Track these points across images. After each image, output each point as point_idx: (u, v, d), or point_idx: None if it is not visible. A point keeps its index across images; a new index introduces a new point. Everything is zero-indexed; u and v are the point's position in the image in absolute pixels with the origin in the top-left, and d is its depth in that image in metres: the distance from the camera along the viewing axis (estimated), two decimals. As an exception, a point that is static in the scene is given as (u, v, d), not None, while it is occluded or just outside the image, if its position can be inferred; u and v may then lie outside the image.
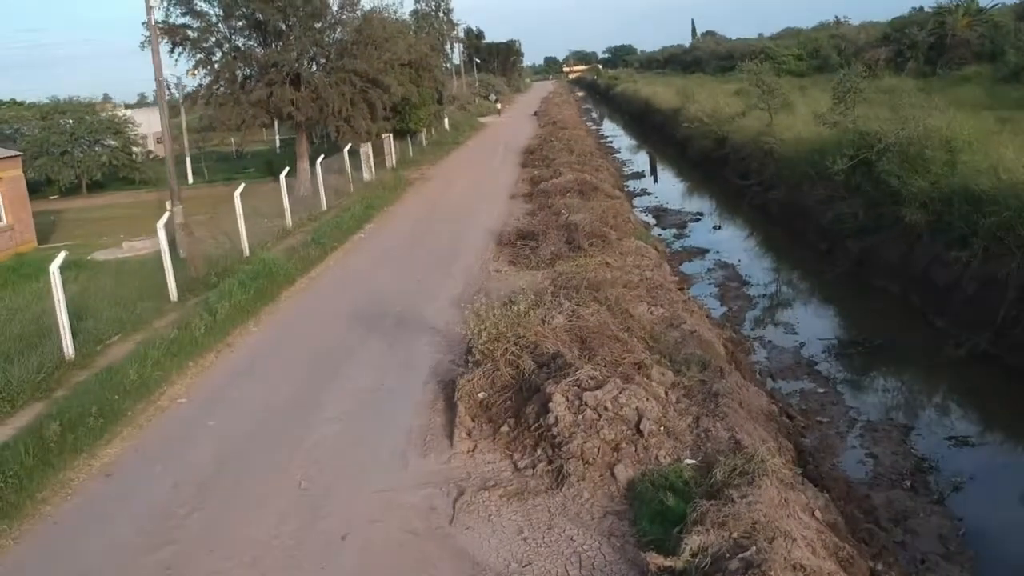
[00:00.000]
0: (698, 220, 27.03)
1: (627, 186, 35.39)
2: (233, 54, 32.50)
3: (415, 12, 53.80)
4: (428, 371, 12.44)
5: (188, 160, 44.10)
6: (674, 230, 25.87)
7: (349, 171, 32.60)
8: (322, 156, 30.20)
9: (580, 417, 9.17)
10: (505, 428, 9.85)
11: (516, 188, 30.31)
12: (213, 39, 32.20)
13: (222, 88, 32.37)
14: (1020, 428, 11.92)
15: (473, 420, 10.19)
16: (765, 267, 21.14)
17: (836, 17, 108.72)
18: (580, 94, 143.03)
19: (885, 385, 13.72)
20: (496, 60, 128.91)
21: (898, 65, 59.40)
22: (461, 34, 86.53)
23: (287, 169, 25.27)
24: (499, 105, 78.44)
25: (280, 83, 31.49)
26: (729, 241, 24.05)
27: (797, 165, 24.63)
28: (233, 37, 32.85)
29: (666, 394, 9.93)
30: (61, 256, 13.99)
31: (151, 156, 51.77)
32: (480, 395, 10.51)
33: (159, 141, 33.57)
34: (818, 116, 26.72)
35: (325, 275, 19.68)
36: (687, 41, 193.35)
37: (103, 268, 21.76)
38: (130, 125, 44.86)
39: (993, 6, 64.28)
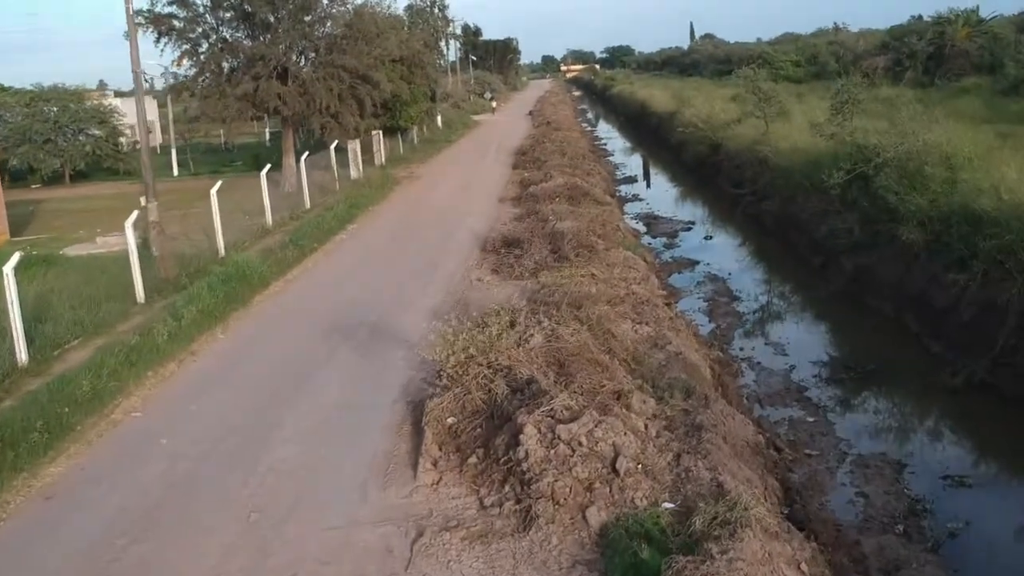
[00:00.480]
0: (689, 229, 26.42)
1: (619, 191, 34.77)
2: (220, 45, 31.74)
3: (409, 7, 53.16)
4: (398, 389, 11.80)
5: (174, 152, 43.28)
6: (665, 239, 25.25)
7: (335, 168, 31.89)
8: (307, 153, 29.44)
9: (552, 452, 8.54)
10: (473, 459, 9.21)
11: (505, 190, 29.68)
12: (200, 30, 31.41)
13: (207, 80, 31.62)
14: (1020, 465, 11.33)
15: (440, 449, 9.54)
16: (756, 281, 20.52)
17: (835, 24, 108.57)
18: (577, 94, 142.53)
19: (877, 415, 13.10)
20: (493, 58, 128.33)
21: (896, 74, 58.97)
22: (457, 30, 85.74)
23: (268, 166, 24.54)
24: (494, 104, 77.72)
25: (267, 77, 30.74)
26: (721, 252, 23.44)
27: (792, 176, 24.04)
28: (220, 28, 32.08)
29: (646, 427, 9.29)
30: (15, 257, 13.28)
31: (138, 146, 50.85)
32: (449, 420, 9.86)
33: (150, 131, 32.77)
34: (815, 126, 26.18)
35: (301, 279, 18.99)
36: (685, 43, 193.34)
37: (73, 264, 21.01)
38: (115, 115, 43.96)
39: (992, 17, 64.00)
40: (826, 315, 17.73)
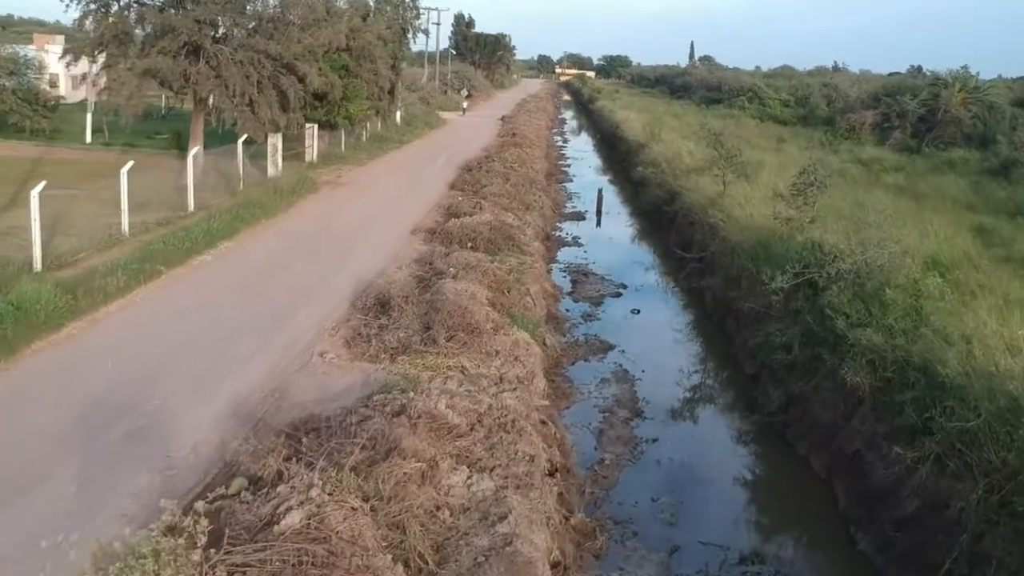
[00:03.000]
0: (619, 295, 22.99)
1: (560, 230, 31.33)
2: (131, 9, 27.86)
3: (378, -6, 49.21)
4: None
5: (89, 115, 39.13)
6: (587, 305, 21.82)
7: (241, 166, 28.14)
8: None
9: None
10: None
11: (425, 218, 26.13)
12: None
13: (110, 49, 27.75)
14: None
15: None
16: (672, 387, 17.04)
17: (835, 63, 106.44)
18: (566, 98, 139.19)
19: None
20: (481, 52, 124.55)
21: (883, 131, 56.06)
22: (435, 21, 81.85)
23: (130, 163, 20.72)
24: (465, 104, 73.78)
25: (174, 53, 26.96)
26: (644, 333, 20.03)
27: (739, 253, 20.73)
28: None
29: None
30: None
31: (61, 101, 46.77)
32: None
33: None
34: (777, 196, 22.94)
35: (105, 323, 15.18)
36: (684, 59, 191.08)
37: None
38: (32, 66, 39.83)
39: (990, 83, 61.37)
40: (741, 461, 14.29)
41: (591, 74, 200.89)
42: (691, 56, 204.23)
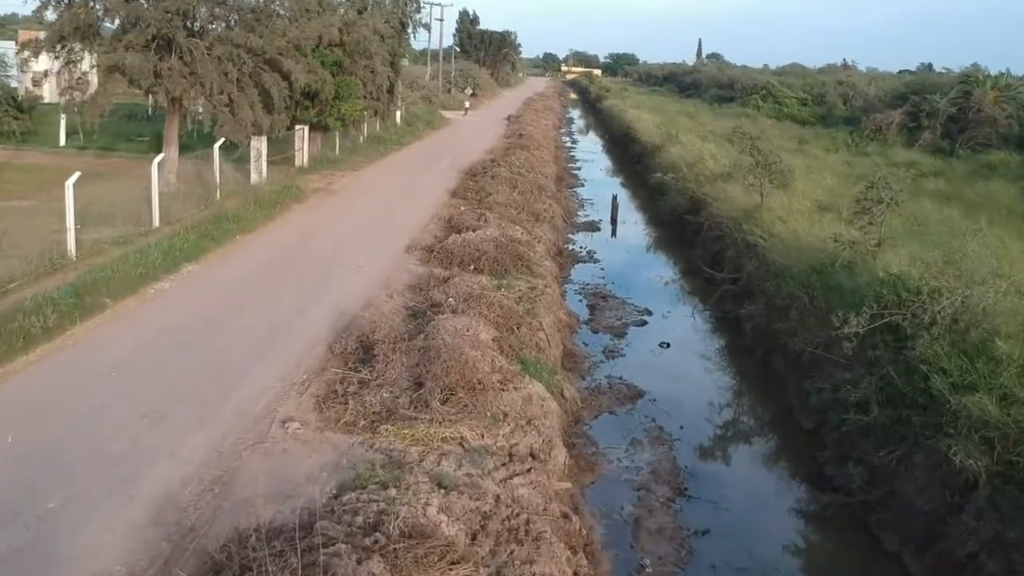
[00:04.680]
0: (644, 324, 20.03)
1: (573, 242, 28.36)
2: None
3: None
4: None
5: (62, 117, 36.12)
6: (608, 338, 18.87)
7: (217, 174, 25.21)
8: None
9: None
10: None
11: (423, 233, 23.18)
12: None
13: (71, 43, 24.82)
14: None
15: None
16: (716, 451, 14.06)
17: (844, 60, 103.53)
18: (572, 96, 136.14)
19: None
20: (486, 50, 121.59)
21: (911, 132, 52.94)
22: (435, 16, 78.91)
23: (76, 174, 17.73)
24: (467, 103, 70.63)
25: (142, 47, 24.04)
26: (677, 376, 17.07)
27: (786, 278, 17.78)
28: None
29: None
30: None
31: (41, 101, 44.00)
32: None
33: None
34: (822, 208, 20.04)
35: (16, 380, 12.09)
36: (691, 57, 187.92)
37: None
38: (3, 63, 36.94)
39: (1022, 82, 58.12)
40: (818, 561, 11.30)
41: (598, 72, 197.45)
42: (699, 54, 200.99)
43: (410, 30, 47.05)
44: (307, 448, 10.64)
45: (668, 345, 18.62)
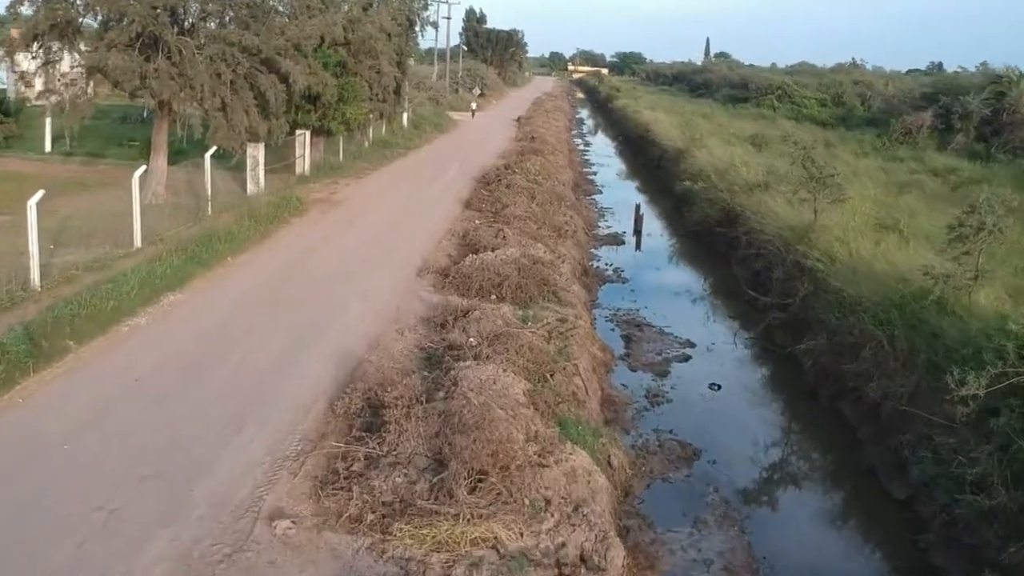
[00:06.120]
0: (687, 360, 17.67)
1: (597, 259, 26.02)
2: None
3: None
4: None
5: (48, 121, 33.78)
6: (650, 378, 16.53)
7: (208, 186, 22.88)
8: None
9: None
10: None
11: (436, 252, 20.90)
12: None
13: (48, 42, 22.55)
14: None
15: None
16: (797, 533, 11.69)
17: (853, 59, 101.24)
18: (580, 96, 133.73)
19: None
20: (493, 49, 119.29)
21: (942, 135, 50.48)
22: (442, 14, 76.58)
23: (40, 193, 15.39)
24: (474, 105, 68.14)
25: (126, 46, 21.76)
26: (734, 427, 14.71)
27: (856, 312, 15.45)
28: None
29: None
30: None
31: (31, 104, 41.62)
32: None
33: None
34: (884, 228, 17.76)
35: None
36: (698, 57, 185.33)
37: None
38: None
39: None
40: None
41: (605, 71, 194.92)
42: (707, 52, 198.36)
43: (417, 28, 44.60)
44: (300, 558, 8.32)
45: (719, 387, 16.27)
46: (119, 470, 9.60)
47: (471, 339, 13.95)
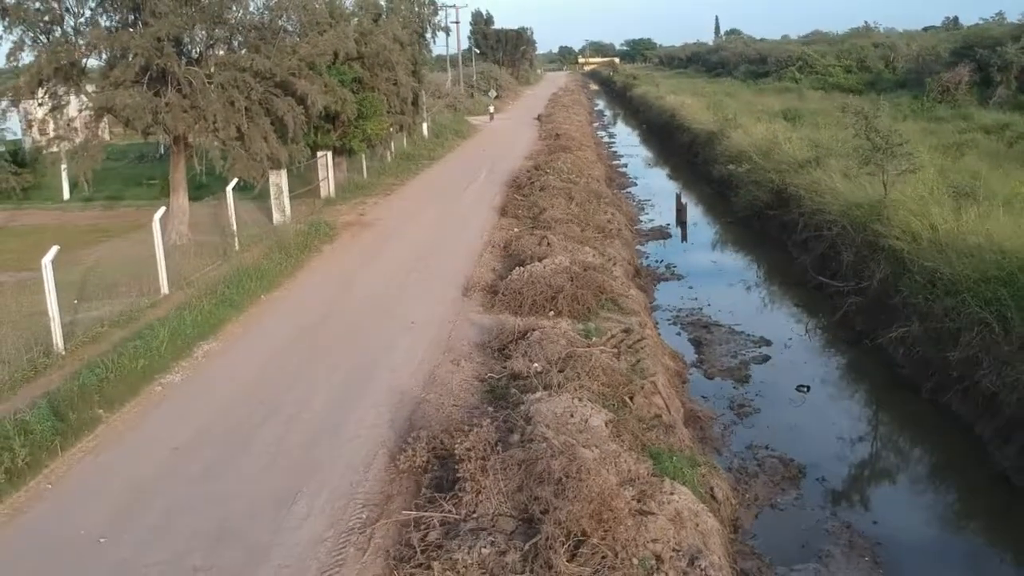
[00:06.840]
0: (766, 360, 16.21)
1: (645, 256, 24.61)
2: (76, 35, 21.51)
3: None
4: None
5: (64, 167, 32.93)
6: (730, 385, 15.09)
7: (233, 220, 21.76)
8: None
9: None
10: None
11: (478, 267, 19.65)
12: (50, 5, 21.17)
13: (53, 86, 21.52)
14: None
15: None
16: (939, 565, 10.23)
17: (866, 22, 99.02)
18: (594, 87, 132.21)
19: None
20: (504, 49, 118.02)
21: (980, 90, 48.47)
22: (452, 19, 75.28)
23: (54, 249, 14.24)
24: (491, 108, 66.77)
25: (130, 83, 20.68)
26: (833, 436, 13.21)
27: (952, 291, 13.95)
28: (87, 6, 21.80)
29: None
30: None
31: (46, 151, 40.85)
32: None
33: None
34: (960, 194, 16.25)
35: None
36: (708, 37, 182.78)
37: None
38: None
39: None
40: None
41: (618, 60, 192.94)
42: (716, 31, 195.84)
43: (429, 35, 43.46)
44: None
45: (808, 389, 14.80)
46: (165, 568, 8.36)
47: (535, 364, 12.65)
